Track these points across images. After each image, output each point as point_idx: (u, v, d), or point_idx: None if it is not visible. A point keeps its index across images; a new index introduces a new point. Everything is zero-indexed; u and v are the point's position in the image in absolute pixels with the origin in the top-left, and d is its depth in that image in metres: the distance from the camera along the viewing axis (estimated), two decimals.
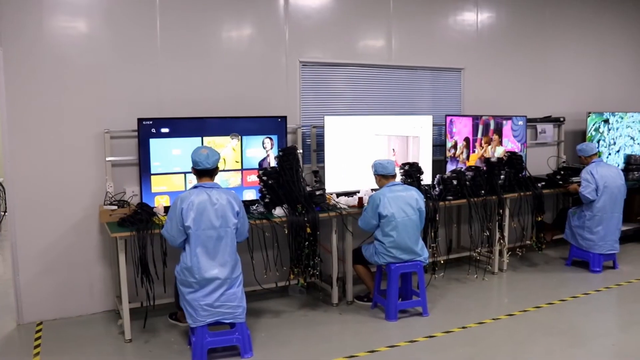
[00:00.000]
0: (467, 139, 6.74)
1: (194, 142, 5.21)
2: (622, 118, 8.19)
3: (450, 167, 6.59)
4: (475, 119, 6.82)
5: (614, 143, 8.13)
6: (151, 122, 5.08)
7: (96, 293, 5.30)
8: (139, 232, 4.52)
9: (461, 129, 6.70)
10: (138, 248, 4.52)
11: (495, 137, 6.95)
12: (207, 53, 5.57)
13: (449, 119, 6.62)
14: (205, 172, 4.30)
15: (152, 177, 5.13)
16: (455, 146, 6.67)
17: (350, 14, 6.27)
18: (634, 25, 8.79)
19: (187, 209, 4.12)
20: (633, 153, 8.26)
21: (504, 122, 7.04)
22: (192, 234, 4.14)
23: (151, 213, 4.79)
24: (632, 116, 8.36)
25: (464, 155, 6.73)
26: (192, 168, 4.34)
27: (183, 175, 5.22)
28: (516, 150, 6.98)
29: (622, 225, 6.69)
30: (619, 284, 6.10)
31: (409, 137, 6.31)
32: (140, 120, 5.03)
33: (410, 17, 6.65)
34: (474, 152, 6.80)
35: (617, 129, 8.14)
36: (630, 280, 6.22)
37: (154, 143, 5.10)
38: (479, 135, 6.85)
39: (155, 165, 5.13)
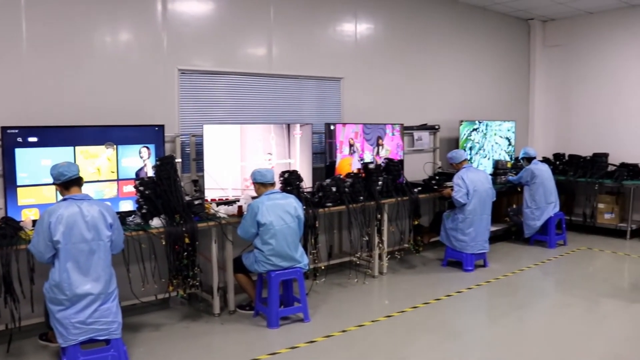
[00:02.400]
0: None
1: (65, 151, 4.99)
2: (490, 126, 8.77)
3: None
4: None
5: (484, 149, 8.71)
6: (17, 131, 4.79)
7: None
8: (3, 248, 4.24)
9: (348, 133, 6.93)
10: (1, 265, 4.23)
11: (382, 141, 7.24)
12: (80, 57, 5.31)
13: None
14: (72, 182, 4.16)
15: (19, 189, 4.83)
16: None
17: (230, 22, 6.24)
18: (499, 38, 9.46)
19: (56, 222, 3.95)
20: (500, 158, 8.86)
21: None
22: (61, 249, 3.97)
23: (17, 227, 4.53)
24: (500, 124, 8.98)
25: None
26: (57, 184, 4.20)
27: (54, 186, 4.95)
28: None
29: (491, 226, 7.15)
30: (489, 280, 6.52)
31: (293, 136, 6.38)
32: (4, 129, 4.73)
33: (291, 27, 6.74)
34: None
35: (485, 136, 8.69)
36: (498, 277, 6.66)
37: (20, 153, 4.81)
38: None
39: (21, 177, 4.84)
